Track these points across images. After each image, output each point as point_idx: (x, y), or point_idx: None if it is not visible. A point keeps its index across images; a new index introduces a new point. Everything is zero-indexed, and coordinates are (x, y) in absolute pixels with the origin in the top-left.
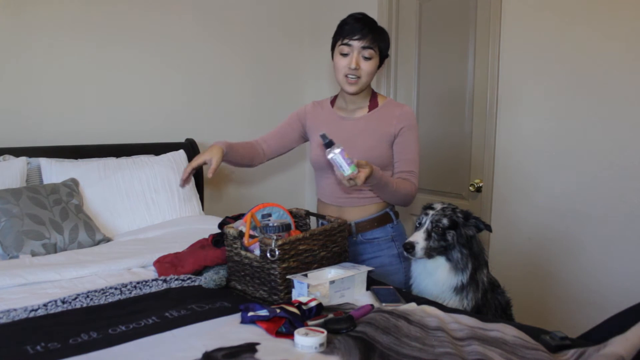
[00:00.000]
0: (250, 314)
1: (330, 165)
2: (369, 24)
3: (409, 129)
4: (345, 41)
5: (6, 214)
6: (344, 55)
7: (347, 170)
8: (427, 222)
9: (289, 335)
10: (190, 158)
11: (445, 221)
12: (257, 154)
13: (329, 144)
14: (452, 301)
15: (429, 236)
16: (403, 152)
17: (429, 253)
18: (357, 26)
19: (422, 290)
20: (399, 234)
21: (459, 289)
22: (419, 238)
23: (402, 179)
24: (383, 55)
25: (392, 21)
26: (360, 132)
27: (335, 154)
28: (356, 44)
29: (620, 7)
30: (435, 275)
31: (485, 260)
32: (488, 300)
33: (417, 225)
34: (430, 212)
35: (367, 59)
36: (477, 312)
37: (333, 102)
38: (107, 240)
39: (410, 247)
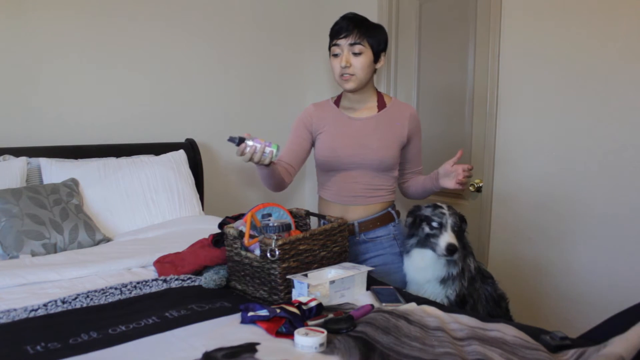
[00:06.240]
0: (250, 314)
1: (339, 165)
2: (356, 21)
3: (419, 130)
4: (334, 42)
5: (6, 214)
6: (336, 56)
7: (270, 147)
8: (449, 222)
9: (289, 335)
10: (190, 158)
11: (457, 219)
12: (287, 172)
13: (241, 140)
14: (437, 290)
15: (457, 236)
16: (415, 152)
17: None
18: (343, 25)
19: (410, 280)
20: (400, 232)
21: (445, 279)
22: (454, 240)
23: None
24: (377, 50)
25: (392, 21)
26: (372, 132)
27: (253, 141)
28: (343, 42)
29: (620, 6)
30: (431, 267)
31: (471, 249)
32: (476, 290)
33: (436, 226)
34: (446, 212)
35: (357, 54)
36: (462, 300)
37: (337, 102)
38: (107, 240)
39: (454, 250)
